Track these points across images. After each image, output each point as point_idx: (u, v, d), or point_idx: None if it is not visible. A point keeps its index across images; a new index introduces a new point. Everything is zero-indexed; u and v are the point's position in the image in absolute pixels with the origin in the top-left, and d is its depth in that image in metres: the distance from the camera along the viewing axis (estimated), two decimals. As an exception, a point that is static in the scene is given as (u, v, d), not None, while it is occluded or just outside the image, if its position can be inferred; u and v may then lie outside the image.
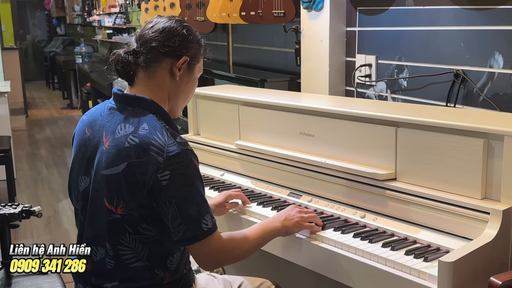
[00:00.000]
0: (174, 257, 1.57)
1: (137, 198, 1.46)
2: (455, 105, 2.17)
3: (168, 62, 1.56)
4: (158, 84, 1.57)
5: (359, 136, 1.89)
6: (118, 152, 1.47)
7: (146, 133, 1.47)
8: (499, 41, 1.99)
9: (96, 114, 1.61)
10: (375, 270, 1.56)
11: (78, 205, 1.62)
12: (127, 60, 1.55)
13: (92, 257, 1.57)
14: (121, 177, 1.46)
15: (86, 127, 1.60)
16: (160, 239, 1.52)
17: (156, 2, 5.14)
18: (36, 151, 6.91)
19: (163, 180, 1.43)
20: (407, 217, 1.73)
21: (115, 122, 1.53)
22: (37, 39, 15.21)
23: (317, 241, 1.74)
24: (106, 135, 1.52)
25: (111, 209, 1.49)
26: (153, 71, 1.56)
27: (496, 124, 1.58)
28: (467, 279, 1.41)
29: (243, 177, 2.32)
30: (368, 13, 2.60)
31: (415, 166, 1.74)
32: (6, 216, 1.88)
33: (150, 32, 1.55)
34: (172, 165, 1.43)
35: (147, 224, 1.49)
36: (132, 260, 1.52)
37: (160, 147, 1.44)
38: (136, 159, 1.44)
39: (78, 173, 1.60)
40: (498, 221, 1.49)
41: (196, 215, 1.46)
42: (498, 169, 1.55)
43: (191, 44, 1.58)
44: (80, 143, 1.60)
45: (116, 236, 1.51)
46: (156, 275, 1.55)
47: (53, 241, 3.93)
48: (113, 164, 1.48)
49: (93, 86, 7.53)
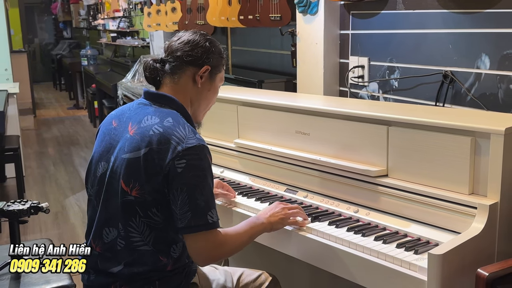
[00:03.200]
0: (177, 246, 1.60)
1: (152, 182, 1.50)
2: (444, 104, 2.17)
3: (191, 70, 1.65)
4: (181, 89, 1.65)
5: (352, 134, 1.89)
6: (142, 138, 1.53)
7: (170, 125, 1.54)
8: (486, 43, 1.99)
9: (125, 109, 1.69)
10: (368, 262, 1.56)
11: (93, 190, 1.65)
12: (154, 67, 1.65)
13: (103, 239, 1.59)
14: (141, 161, 1.51)
15: (114, 119, 1.67)
16: (165, 227, 1.55)
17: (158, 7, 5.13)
18: (44, 149, 6.90)
19: (179, 168, 1.47)
20: (398, 212, 1.73)
21: (142, 114, 1.60)
22: (44, 42, 15.18)
23: (313, 234, 1.74)
24: (132, 125, 1.59)
25: (127, 191, 1.53)
26: (177, 77, 1.65)
27: (483, 122, 1.58)
28: (456, 271, 1.41)
29: (242, 174, 2.32)
30: (360, 16, 2.59)
31: (406, 163, 1.74)
32: (15, 212, 1.89)
33: (176, 43, 1.66)
34: (189, 155, 1.48)
35: (157, 209, 1.53)
36: (140, 243, 1.55)
37: (181, 138, 1.51)
38: (157, 146, 1.50)
39: (98, 159, 1.64)
40: (485, 215, 1.49)
41: (203, 206, 1.49)
42: (485, 165, 1.55)
43: (213, 55, 1.66)
44: (105, 133, 1.66)
45: (127, 218, 1.54)
46: (160, 261, 1.57)
47: (60, 235, 3.93)
48: (135, 148, 1.53)
49: (98, 87, 7.52)
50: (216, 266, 1.84)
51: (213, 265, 1.84)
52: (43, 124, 8.65)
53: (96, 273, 1.61)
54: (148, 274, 1.57)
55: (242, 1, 3.50)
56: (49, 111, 10.02)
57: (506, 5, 1.89)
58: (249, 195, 2.09)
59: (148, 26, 5.39)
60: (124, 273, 1.56)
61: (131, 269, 1.56)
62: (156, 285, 1.57)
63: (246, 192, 2.11)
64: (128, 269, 1.56)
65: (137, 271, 1.56)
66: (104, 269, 1.60)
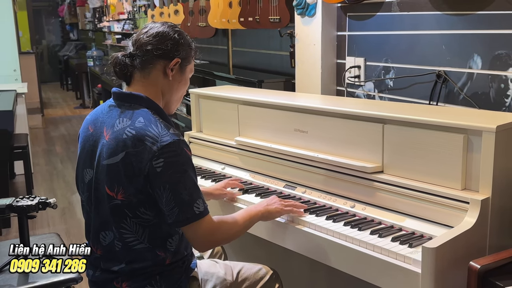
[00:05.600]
0: (173, 239, 1.58)
1: (134, 184, 1.48)
2: (438, 103, 2.17)
3: (161, 63, 1.58)
4: (152, 83, 1.59)
5: (349, 132, 1.89)
6: (117, 143, 1.49)
7: (142, 125, 1.49)
8: (478, 44, 1.99)
9: (98, 113, 1.64)
10: (364, 255, 1.57)
11: (84, 197, 1.64)
12: (124, 63, 1.58)
13: (101, 243, 1.59)
14: (120, 166, 1.48)
15: (90, 125, 1.63)
16: (157, 222, 1.54)
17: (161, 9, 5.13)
18: (52, 147, 6.89)
19: (158, 167, 1.44)
20: (393, 207, 1.73)
21: (114, 117, 1.55)
22: (51, 44, 15.16)
23: (311, 229, 1.74)
24: (107, 129, 1.55)
25: (112, 195, 1.51)
26: (148, 71, 1.58)
27: (475, 120, 1.58)
28: (449, 264, 1.41)
29: (242, 170, 2.32)
30: (357, 18, 2.59)
31: (401, 160, 1.74)
32: (24, 207, 1.89)
33: (145, 36, 1.57)
34: (165, 153, 1.45)
35: (145, 208, 1.51)
36: (135, 242, 1.54)
37: (155, 137, 1.46)
38: (133, 149, 1.46)
39: (83, 166, 1.62)
40: (477, 210, 1.49)
41: (188, 199, 1.47)
42: (476, 162, 1.55)
43: (182, 47, 1.59)
44: (84, 139, 1.62)
45: (118, 220, 1.53)
46: (158, 256, 1.56)
47: (67, 230, 3.93)
48: (112, 154, 1.50)
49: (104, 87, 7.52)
50: (216, 260, 1.84)
51: (213, 259, 1.84)
52: (50, 123, 8.64)
53: (101, 271, 1.61)
54: (148, 269, 1.56)
55: (242, 3, 3.50)
56: (57, 110, 10.01)
57: (497, 7, 1.89)
58: (249, 191, 2.09)
59: (144, 27, 5.37)
60: (125, 270, 1.56)
61: (132, 265, 1.56)
62: (157, 279, 1.57)
63: (247, 188, 2.11)
64: (129, 266, 1.56)
65: (138, 267, 1.56)
66: (107, 268, 1.59)
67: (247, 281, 1.77)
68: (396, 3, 2.33)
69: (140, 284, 1.56)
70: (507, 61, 1.88)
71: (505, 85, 1.89)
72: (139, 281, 1.56)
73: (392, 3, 2.35)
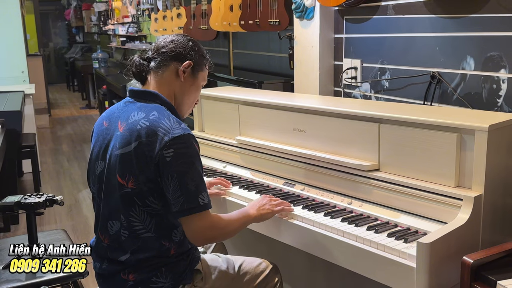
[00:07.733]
0: (178, 230, 1.60)
1: (145, 173, 1.50)
2: (432, 103, 2.17)
3: (174, 65, 1.65)
4: (165, 83, 1.65)
5: (346, 131, 1.89)
6: (131, 133, 1.53)
7: (156, 118, 1.53)
8: (471, 46, 1.99)
9: (113, 109, 1.69)
10: (361, 250, 1.57)
11: (95, 188, 1.65)
12: (141, 63, 1.66)
13: (108, 232, 1.60)
14: (132, 155, 1.51)
15: (104, 120, 1.67)
16: (164, 213, 1.55)
17: (164, 13, 5.13)
18: (59, 146, 6.89)
19: (168, 157, 1.47)
20: (389, 204, 1.73)
21: (129, 111, 1.60)
22: (58, 46, 15.16)
23: (309, 225, 1.74)
24: (121, 122, 1.58)
25: (123, 184, 1.53)
26: (161, 72, 1.65)
27: (468, 120, 1.58)
28: (442, 258, 1.42)
29: (243, 168, 2.32)
30: (354, 21, 2.59)
31: (396, 158, 1.74)
32: (32, 204, 1.89)
33: (162, 42, 1.69)
34: (176, 144, 1.48)
35: (154, 198, 1.53)
36: (143, 231, 1.56)
37: (167, 129, 1.50)
38: (146, 139, 1.50)
39: (95, 159, 1.64)
40: (470, 207, 1.50)
41: (194, 190, 1.49)
42: (470, 160, 1.55)
43: (195, 52, 1.67)
44: (98, 134, 1.66)
45: (127, 208, 1.54)
46: (163, 246, 1.58)
47: (74, 226, 3.93)
48: (126, 144, 1.53)
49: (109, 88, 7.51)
50: (219, 254, 1.84)
51: (216, 253, 1.84)
52: (57, 123, 8.64)
53: (109, 262, 1.62)
54: (153, 260, 1.57)
55: (243, 7, 3.50)
56: (63, 111, 10.00)
57: (489, 10, 1.89)
58: (250, 188, 2.09)
59: (155, 31, 5.38)
60: (131, 261, 1.57)
61: (137, 255, 1.56)
62: (162, 271, 1.58)
63: (247, 186, 2.11)
64: (135, 256, 1.57)
65: (143, 257, 1.56)
66: (113, 258, 1.60)
67: (248, 275, 1.78)
68: (391, 6, 2.33)
69: (146, 276, 1.57)
70: (499, 62, 1.88)
71: (497, 85, 1.89)
72: (145, 273, 1.57)
73: (388, 6, 2.35)
